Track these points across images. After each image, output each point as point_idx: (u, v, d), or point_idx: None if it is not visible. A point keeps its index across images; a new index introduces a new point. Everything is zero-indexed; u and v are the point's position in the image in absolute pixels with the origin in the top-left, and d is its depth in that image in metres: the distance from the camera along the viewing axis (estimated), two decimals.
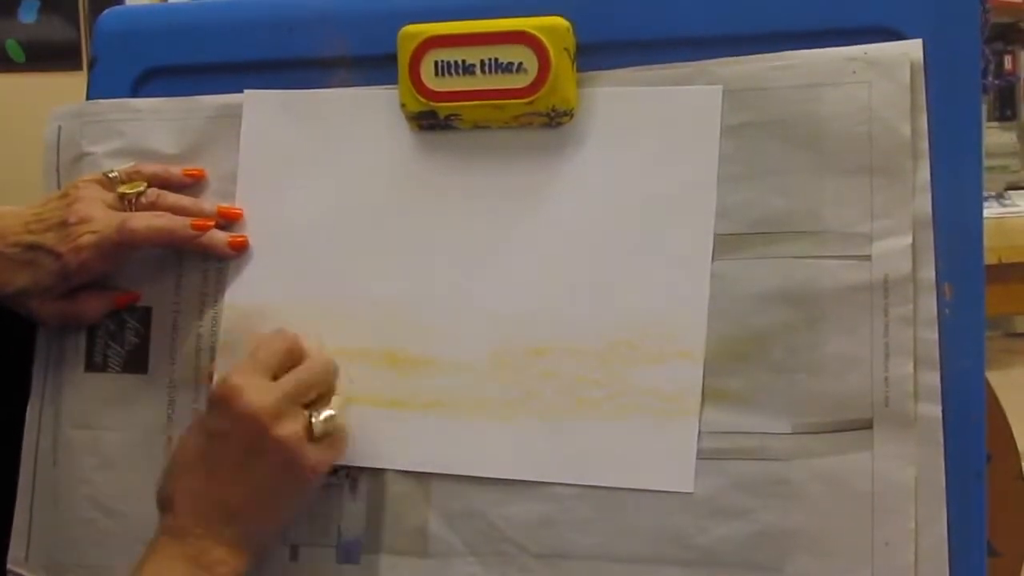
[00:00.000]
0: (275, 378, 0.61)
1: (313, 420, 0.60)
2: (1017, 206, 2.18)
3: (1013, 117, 2.85)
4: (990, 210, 2.13)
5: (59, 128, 0.73)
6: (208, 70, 0.70)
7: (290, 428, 0.59)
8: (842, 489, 0.58)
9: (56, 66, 3.22)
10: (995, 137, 2.65)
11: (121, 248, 0.66)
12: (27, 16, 3.26)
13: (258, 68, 0.69)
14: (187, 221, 0.66)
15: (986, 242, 0.59)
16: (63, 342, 0.71)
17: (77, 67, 3.16)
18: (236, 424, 0.59)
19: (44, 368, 0.71)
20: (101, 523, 0.68)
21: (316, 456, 0.60)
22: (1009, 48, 2.91)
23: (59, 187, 0.70)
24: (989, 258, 0.60)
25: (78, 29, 3.24)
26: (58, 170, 0.72)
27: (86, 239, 0.65)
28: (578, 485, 0.61)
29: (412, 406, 0.64)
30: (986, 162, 0.61)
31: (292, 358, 0.62)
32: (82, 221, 0.65)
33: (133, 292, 0.69)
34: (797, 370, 0.59)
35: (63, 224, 0.65)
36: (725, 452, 0.59)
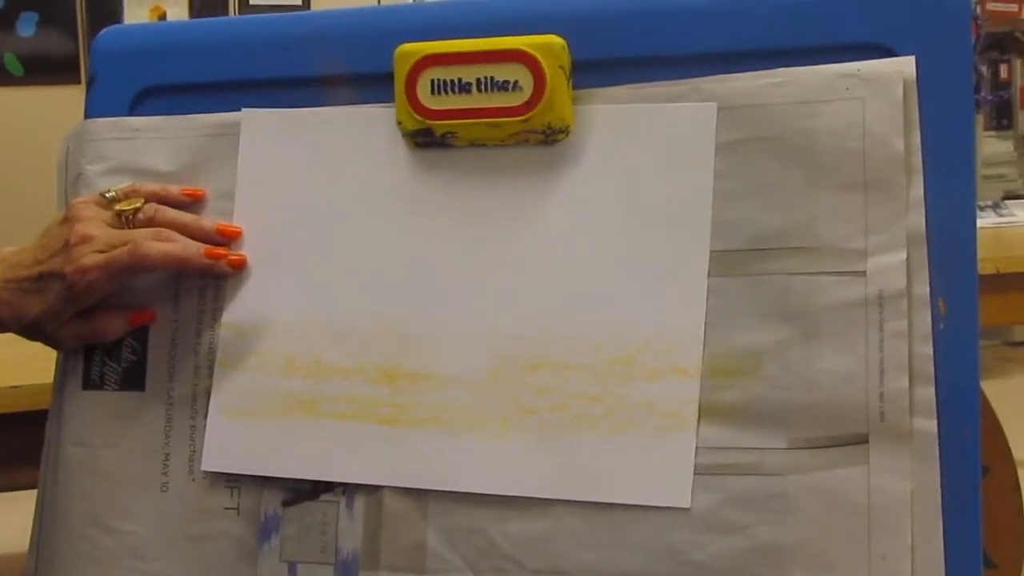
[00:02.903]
0: None
1: None
2: (1014, 216, 2.18)
3: (1010, 126, 2.86)
4: (987, 220, 2.13)
5: (67, 150, 0.73)
6: (205, 89, 0.71)
7: None
8: (838, 504, 0.58)
9: (55, 79, 3.23)
10: (992, 146, 2.65)
11: (132, 271, 0.66)
12: (26, 30, 3.27)
13: (255, 87, 0.69)
14: (201, 247, 0.67)
15: (983, 252, 0.59)
16: (65, 362, 0.71)
17: (75, 80, 3.17)
18: None
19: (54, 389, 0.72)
20: (99, 540, 0.68)
21: None
22: (1005, 57, 2.91)
23: None
24: (986, 268, 0.60)
25: (76, 43, 3.25)
26: (66, 191, 0.73)
27: (90, 259, 0.65)
28: (575, 501, 0.61)
29: (409, 422, 0.64)
30: (983, 171, 0.62)
31: None
32: (83, 240, 0.65)
33: (150, 310, 0.69)
34: (793, 385, 0.59)
35: (66, 246, 0.66)
36: (722, 467, 0.59)
